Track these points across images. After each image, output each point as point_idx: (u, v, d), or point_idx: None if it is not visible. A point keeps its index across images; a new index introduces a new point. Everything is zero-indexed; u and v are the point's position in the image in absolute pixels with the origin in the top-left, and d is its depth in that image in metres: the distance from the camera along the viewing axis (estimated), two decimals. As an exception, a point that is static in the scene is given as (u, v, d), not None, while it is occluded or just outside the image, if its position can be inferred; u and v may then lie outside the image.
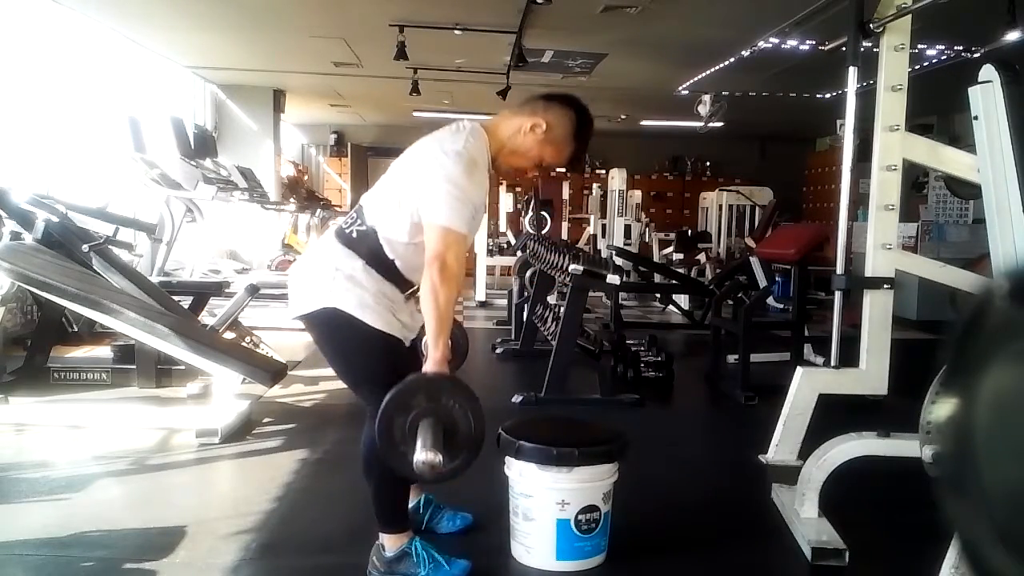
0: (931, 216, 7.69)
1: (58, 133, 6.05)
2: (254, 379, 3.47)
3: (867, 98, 2.52)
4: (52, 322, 4.30)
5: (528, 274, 5.63)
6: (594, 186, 10.41)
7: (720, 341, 4.83)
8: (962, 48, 6.09)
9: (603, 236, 8.92)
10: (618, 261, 6.73)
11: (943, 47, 6.17)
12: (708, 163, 12.95)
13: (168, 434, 3.34)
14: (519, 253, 6.78)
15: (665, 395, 4.51)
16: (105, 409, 3.62)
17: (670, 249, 8.89)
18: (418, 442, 1.67)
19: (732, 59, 6.81)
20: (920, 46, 5.93)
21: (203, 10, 6.07)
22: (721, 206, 9.47)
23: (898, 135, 2.50)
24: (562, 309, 4.21)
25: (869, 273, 2.53)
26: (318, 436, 3.40)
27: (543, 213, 8.61)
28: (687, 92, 8.29)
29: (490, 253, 8.41)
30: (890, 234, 2.53)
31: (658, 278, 7.70)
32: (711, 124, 7.82)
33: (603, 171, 11.11)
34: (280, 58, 7.87)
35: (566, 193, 9.99)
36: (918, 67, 6.04)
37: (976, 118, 2.39)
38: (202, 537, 2.35)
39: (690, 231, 9.43)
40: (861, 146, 2.54)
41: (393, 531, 2.07)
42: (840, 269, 2.62)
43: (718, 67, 7.19)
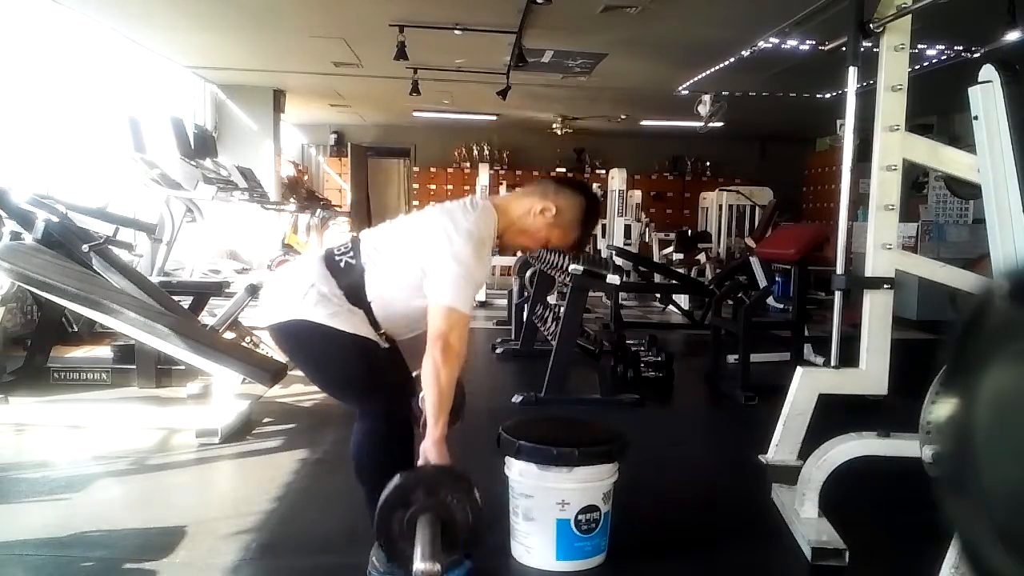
0: (931, 216, 7.69)
1: (58, 133, 6.05)
2: (254, 379, 3.47)
3: (867, 98, 2.52)
4: (52, 322, 4.30)
5: (528, 274, 5.63)
6: (594, 186, 10.38)
7: (720, 341, 4.83)
8: (962, 48, 6.09)
9: (603, 236, 8.91)
10: (618, 261, 6.73)
11: (943, 47, 6.17)
12: (708, 163, 12.96)
13: (168, 434, 3.34)
14: (519, 253, 6.78)
15: (665, 395, 4.51)
16: (105, 409, 3.62)
17: (670, 249, 8.89)
18: (417, 549, 1.68)
19: (732, 59, 6.81)
20: (920, 46, 5.93)
21: (203, 10, 6.07)
22: (721, 206, 9.47)
23: (898, 135, 2.50)
24: (562, 309, 4.21)
25: (869, 273, 2.53)
26: (318, 436, 3.40)
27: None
28: (687, 92, 8.29)
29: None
30: (890, 234, 2.53)
31: (658, 278, 7.71)
32: (711, 124, 7.82)
33: (603, 171, 11.12)
34: (280, 58, 7.87)
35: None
36: (918, 67, 6.04)
37: (976, 118, 2.38)
38: (202, 537, 2.35)
39: (690, 231, 9.44)
40: (861, 146, 2.54)
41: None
42: (840, 269, 2.62)
43: (718, 67, 7.19)
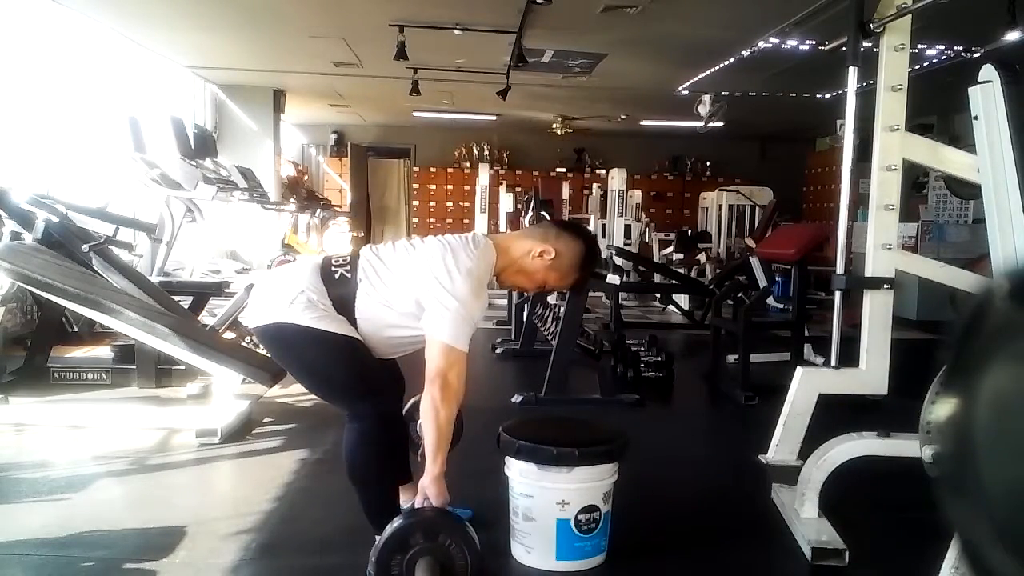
0: (931, 216, 7.69)
1: (58, 133, 6.05)
2: (254, 379, 3.46)
3: (867, 98, 2.52)
4: (52, 322, 4.29)
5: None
6: (594, 186, 10.41)
7: (720, 341, 4.82)
8: (962, 48, 6.10)
9: (603, 236, 8.91)
10: (618, 261, 6.73)
11: (943, 47, 6.17)
12: (708, 163, 12.96)
13: (168, 434, 3.34)
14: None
15: (665, 395, 4.51)
16: (105, 409, 3.61)
17: (670, 249, 8.88)
18: None
19: (732, 59, 6.82)
20: (920, 46, 5.93)
21: (203, 10, 6.07)
22: (721, 206, 9.47)
23: (898, 135, 2.50)
24: (562, 309, 4.21)
25: (869, 273, 2.53)
26: (318, 436, 3.40)
27: (543, 213, 8.60)
28: (687, 92, 8.30)
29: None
30: (890, 234, 2.53)
31: (658, 278, 7.70)
32: (711, 124, 7.82)
33: (603, 171, 11.12)
34: (280, 58, 7.88)
35: (566, 193, 9.98)
36: (918, 67, 6.05)
37: (976, 118, 2.38)
38: (202, 537, 2.35)
39: (690, 231, 9.43)
40: (861, 146, 2.54)
41: (389, 532, 2.07)
42: (840, 269, 2.62)
43: (718, 67, 7.19)
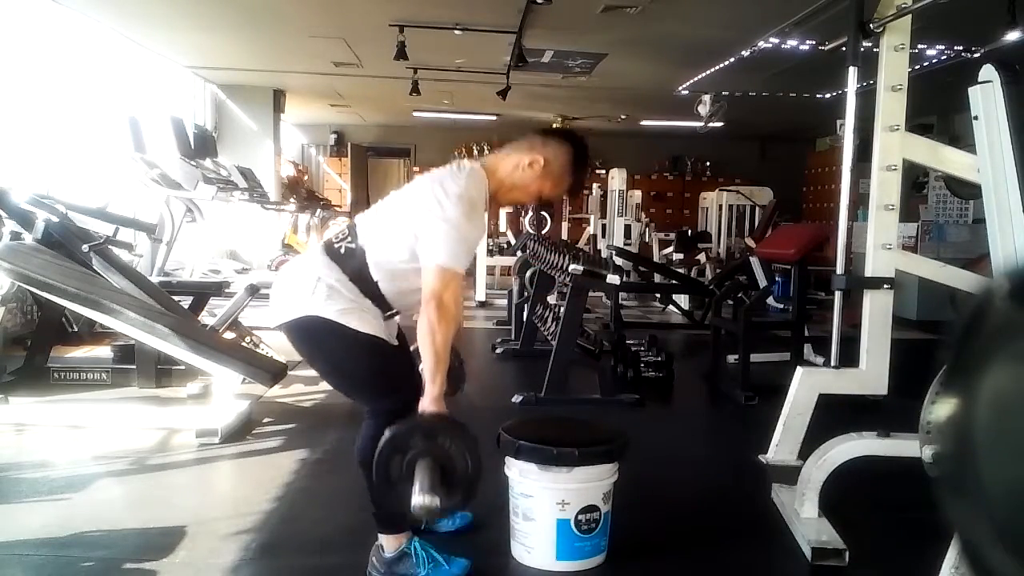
0: (931, 216, 7.69)
1: (58, 133, 6.05)
2: (254, 379, 3.47)
3: (867, 98, 2.52)
4: (52, 322, 4.30)
5: (528, 274, 5.63)
6: (594, 186, 10.40)
7: (720, 341, 4.82)
8: (962, 48, 6.10)
9: (603, 236, 8.91)
10: (618, 261, 6.73)
11: (943, 47, 6.17)
12: (708, 163, 12.96)
13: (168, 434, 3.34)
14: (519, 253, 6.78)
15: (665, 395, 4.51)
16: (105, 409, 3.62)
17: (670, 249, 8.89)
18: (415, 485, 1.69)
19: (732, 59, 6.82)
20: (920, 46, 5.93)
21: (203, 10, 6.07)
22: (721, 206, 9.47)
23: (898, 135, 2.50)
24: (562, 309, 4.21)
25: (869, 273, 2.53)
26: (318, 436, 3.40)
27: (543, 213, 8.62)
28: (687, 92, 8.30)
29: (490, 253, 8.40)
30: (890, 234, 2.53)
31: (658, 278, 7.70)
32: (711, 124, 7.82)
33: (603, 171, 11.11)
34: (280, 58, 7.88)
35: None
36: (918, 67, 6.05)
37: (976, 118, 2.38)
38: (202, 537, 2.35)
39: (690, 231, 9.43)
40: (861, 146, 2.54)
41: (392, 531, 2.07)
42: (840, 269, 2.62)
43: (718, 67, 7.19)
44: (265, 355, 3.98)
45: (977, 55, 5.92)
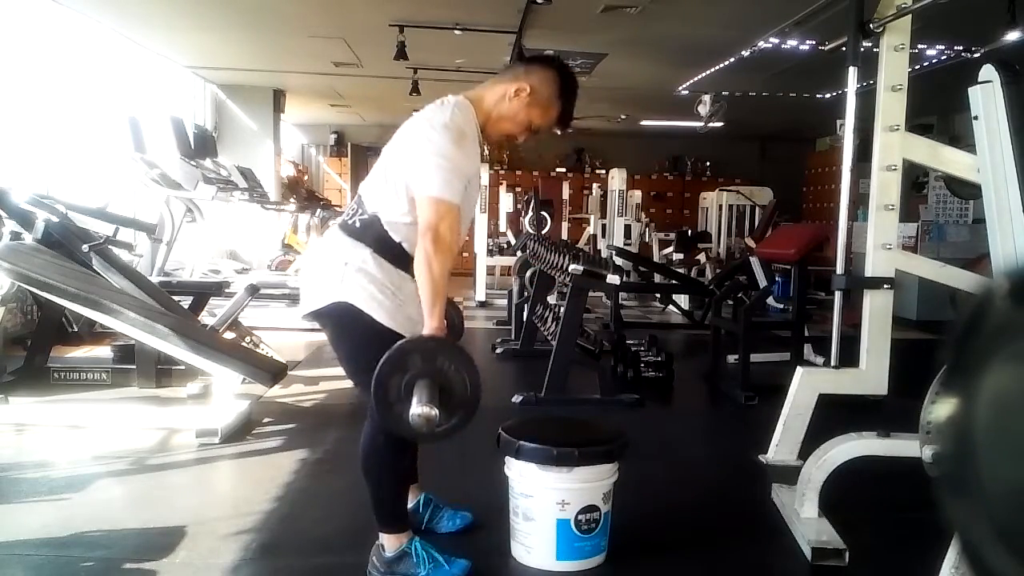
0: (931, 216, 7.70)
1: (58, 133, 6.05)
2: (254, 379, 3.47)
3: (867, 98, 2.52)
4: (52, 322, 4.29)
5: (528, 274, 5.63)
6: (594, 186, 10.41)
7: (720, 341, 4.83)
8: (962, 48, 6.10)
9: (603, 236, 8.92)
10: (618, 261, 6.74)
11: (943, 47, 6.17)
12: (708, 163, 12.95)
13: (168, 434, 3.34)
14: (519, 253, 6.78)
15: (665, 395, 4.51)
16: (105, 409, 3.62)
17: (670, 249, 8.89)
18: (414, 398, 1.68)
19: (732, 59, 6.82)
20: (920, 46, 5.93)
21: (203, 10, 6.07)
22: (721, 206, 9.47)
23: (898, 135, 2.50)
24: (562, 309, 4.21)
25: (869, 273, 2.53)
26: (318, 436, 3.40)
27: (543, 213, 8.62)
28: (687, 92, 8.30)
29: (490, 253, 8.41)
30: (890, 234, 2.53)
31: (658, 278, 7.70)
32: (711, 124, 7.82)
33: (603, 171, 11.12)
34: (280, 58, 7.88)
35: (566, 193, 9.99)
36: (918, 67, 6.05)
37: (976, 118, 2.39)
38: (202, 537, 2.35)
39: (690, 231, 9.43)
40: (861, 146, 2.54)
41: (392, 531, 2.07)
42: (840, 269, 2.62)
43: (718, 67, 7.19)
44: (265, 355, 3.98)
45: (977, 55, 5.92)
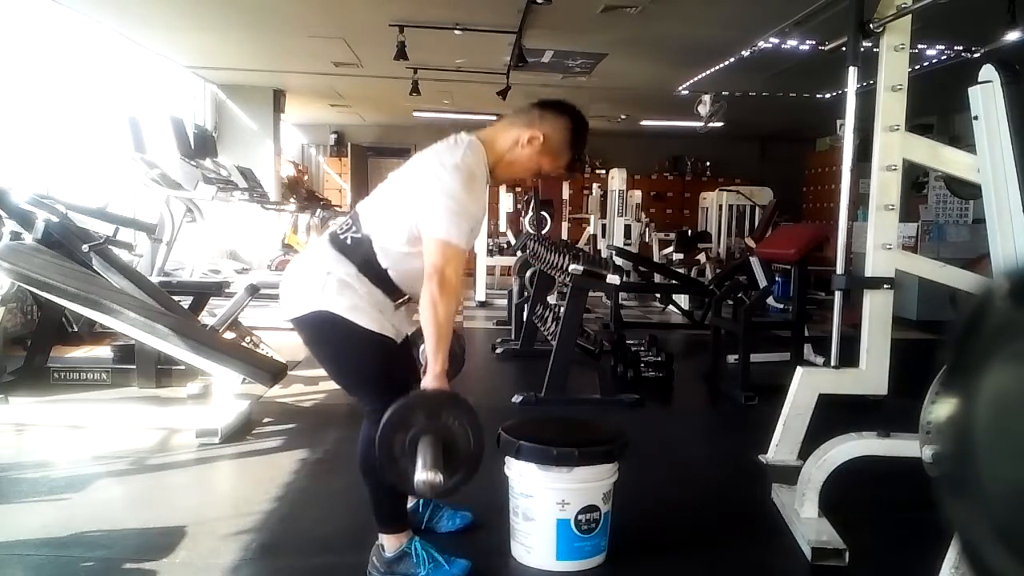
0: (931, 216, 7.70)
1: (58, 133, 6.05)
2: (254, 379, 3.47)
3: (867, 98, 2.52)
4: (52, 322, 4.30)
5: (528, 274, 5.63)
6: (594, 186, 10.41)
7: (720, 341, 4.83)
8: (962, 48, 6.09)
9: (603, 236, 8.92)
10: (618, 261, 6.74)
11: (943, 47, 6.17)
12: (708, 163, 12.95)
13: (168, 434, 3.34)
14: (519, 253, 6.78)
15: (665, 395, 4.51)
16: (105, 409, 3.62)
17: (670, 249, 8.89)
18: (418, 461, 1.69)
19: (732, 59, 6.81)
20: (920, 46, 5.93)
21: (203, 10, 6.07)
22: (721, 206, 9.47)
23: (898, 135, 2.50)
24: (562, 309, 4.21)
25: (869, 273, 2.53)
26: (318, 436, 3.40)
27: (543, 213, 8.61)
28: (687, 92, 8.30)
29: (490, 253, 8.41)
30: (890, 234, 2.53)
31: (658, 278, 7.71)
32: (711, 124, 7.82)
33: (603, 171, 11.11)
34: (280, 58, 7.88)
35: (566, 193, 9.99)
36: (918, 67, 6.05)
37: (976, 118, 2.39)
38: (202, 537, 2.35)
39: (690, 231, 9.43)
40: (861, 146, 2.54)
41: (392, 531, 2.07)
42: (840, 269, 2.62)
43: (718, 67, 7.19)
44: (265, 355, 3.98)
45: (977, 55, 5.92)
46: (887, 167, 2.50)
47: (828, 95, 8.09)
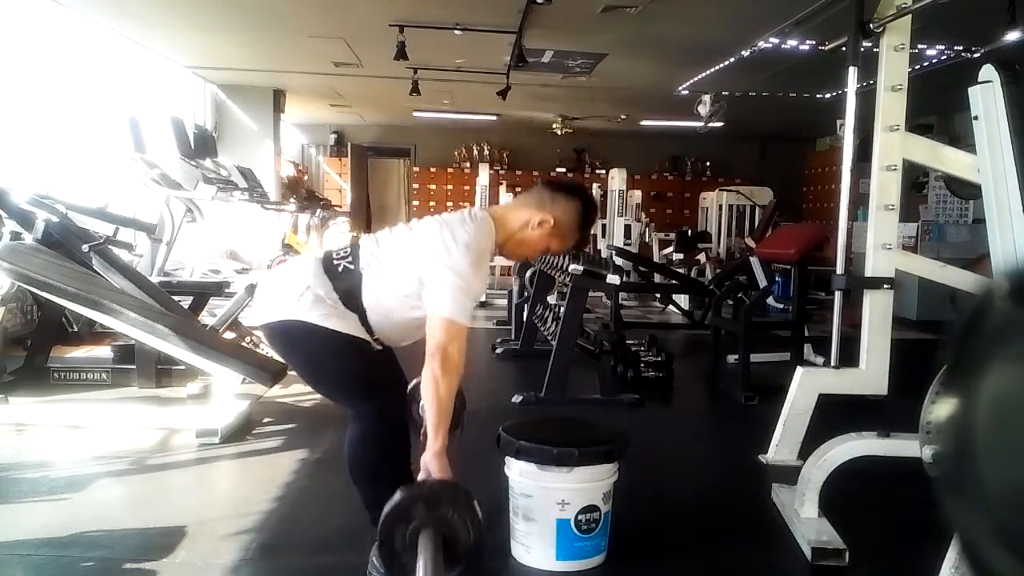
0: (931, 216, 7.70)
1: (58, 133, 6.05)
2: (254, 379, 3.46)
3: (867, 98, 2.52)
4: (52, 322, 4.29)
5: (528, 274, 5.63)
6: (594, 186, 10.41)
7: (720, 341, 4.83)
8: (962, 48, 6.10)
9: (603, 236, 8.92)
10: (618, 261, 6.74)
11: (943, 47, 6.17)
12: (708, 163, 12.96)
13: (168, 434, 3.34)
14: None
15: (665, 395, 4.51)
16: (105, 409, 3.61)
17: (670, 249, 8.89)
18: (419, 566, 1.68)
19: (732, 59, 6.82)
20: (920, 46, 5.93)
21: (203, 10, 6.07)
22: (721, 206, 9.47)
23: (898, 135, 2.50)
24: (562, 309, 4.21)
25: (869, 273, 2.53)
26: (318, 436, 3.40)
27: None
28: (687, 92, 8.30)
29: (490, 253, 8.39)
30: (890, 234, 2.53)
31: (658, 278, 7.71)
32: (711, 124, 7.82)
33: (603, 171, 11.12)
34: (280, 58, 7.88)
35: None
36: (918, 67, 6.05)
37: (976, 118, 2.39)
38: (202, 537, 2.35)
39: (690, 231, 9.44)
40: (861, 146, 2.54)
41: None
42: (840, 269, 2.62)
43: (718, 67, 7.19)
44: (265, 355, 3.97)
45: (977, 55, 5.92)
46: (887, 167, 2.50)
47: (828, 95, 8.09)
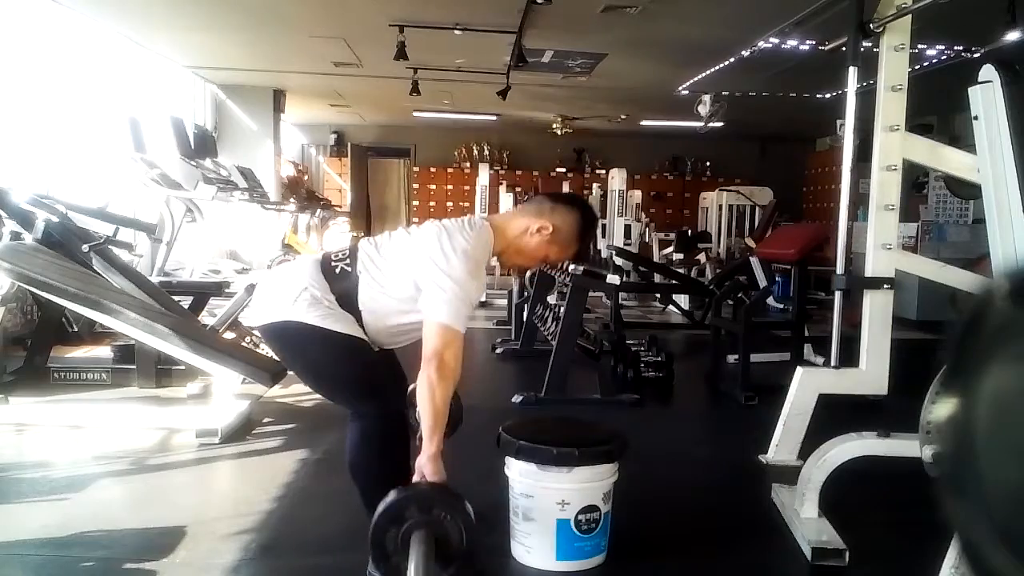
0: (931, 216, 7.70)
1: (58, 133, 6.05)
2: (254, 379, 3.46)
3: (867, 98, 2.52)
4: (52, 322, 4.29)
5: (528, 274, 5.62)
6: (594, 186, 10.41)
7: (720, 341, 4.82)
8: (962, 48, 6.10)
9: (603, 236, 8.91)
10: (618, 261, 6.74)
11: (943, 47, 6.17)
12: (708, 163, 12.96)
13: (168, 434, 3.34)
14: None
15: (665, 395, 4.51)
16: (105, 409, 3.61)
17: (670, 249, 8.89)
18: (410, 567, 1.68)
19: (732, 59, 6.82)
20: (920, 46, 5.93)
21: (203, 10, 6.07)
22: (721, 206, 9.47)
23: (898, 135, 2.50)
24: (562, 309, 4.21)
25: (869, 273, 2.52)
26: (318, 436, 3.40)
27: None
28: (687, 92, 8.30)
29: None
30: (890, 234, 2.53)
31: (658, 278, 7.70)
32: (711, 124, 7.83)
33: (603, 171, 11.12)
34: (280, 58, 7.88)
35: (566, 193, 9.98)
36: (918, 67, 6.04)
37: (976, 118, 2.38)
38: (202, 537, 2.35)
39: (690, 231, 9.43)
40: (861, 146, 2.54)
41: (392, 532, 2.07)
42: (840, 269, 2.62)
43: (718, 67, 7.19)
44: (265, 355, 3.97)
45: (977, 55, 5.92)
46: (887, 167, 2.50)
47: (828, 95, 8.09)
